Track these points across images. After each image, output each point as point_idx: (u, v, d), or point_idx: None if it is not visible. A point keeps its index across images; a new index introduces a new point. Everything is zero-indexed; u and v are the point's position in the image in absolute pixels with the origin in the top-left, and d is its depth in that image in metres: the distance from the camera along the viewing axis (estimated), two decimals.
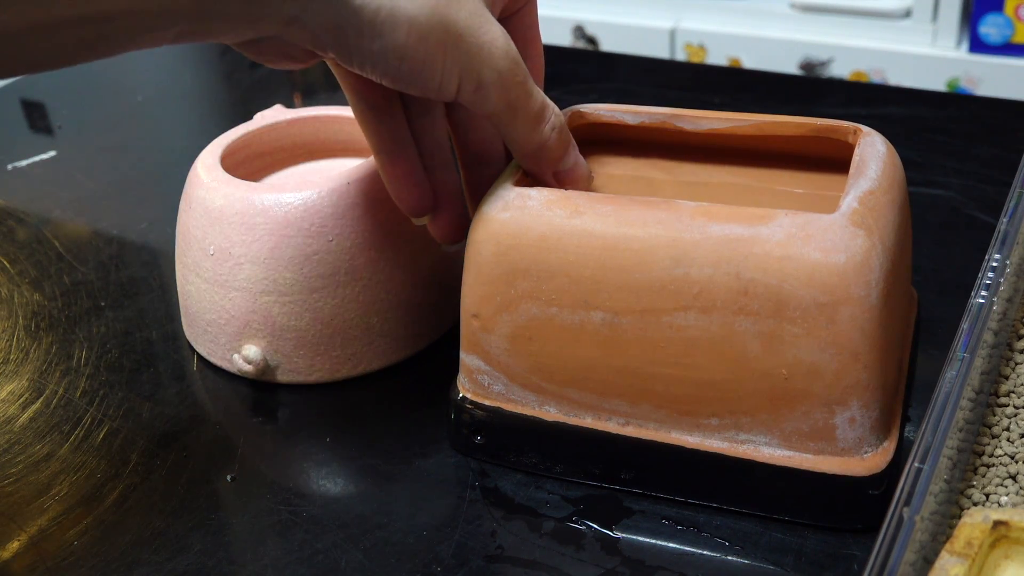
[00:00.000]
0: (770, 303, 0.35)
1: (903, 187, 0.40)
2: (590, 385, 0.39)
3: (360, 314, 0.46)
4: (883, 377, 0.37)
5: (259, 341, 0.47)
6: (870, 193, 0.37)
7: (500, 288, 0.39)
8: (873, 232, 0.36)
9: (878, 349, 0.36)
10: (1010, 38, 1.30)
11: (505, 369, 0.40)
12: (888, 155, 0.40)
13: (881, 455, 0.37)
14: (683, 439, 0.39)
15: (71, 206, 0.65)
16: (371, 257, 0.46)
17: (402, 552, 0.39)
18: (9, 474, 0.44)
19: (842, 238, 0.35)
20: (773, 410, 0.37)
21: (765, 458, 0.38)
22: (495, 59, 0.36)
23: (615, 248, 0.37)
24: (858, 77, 1.39)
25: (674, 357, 0.37)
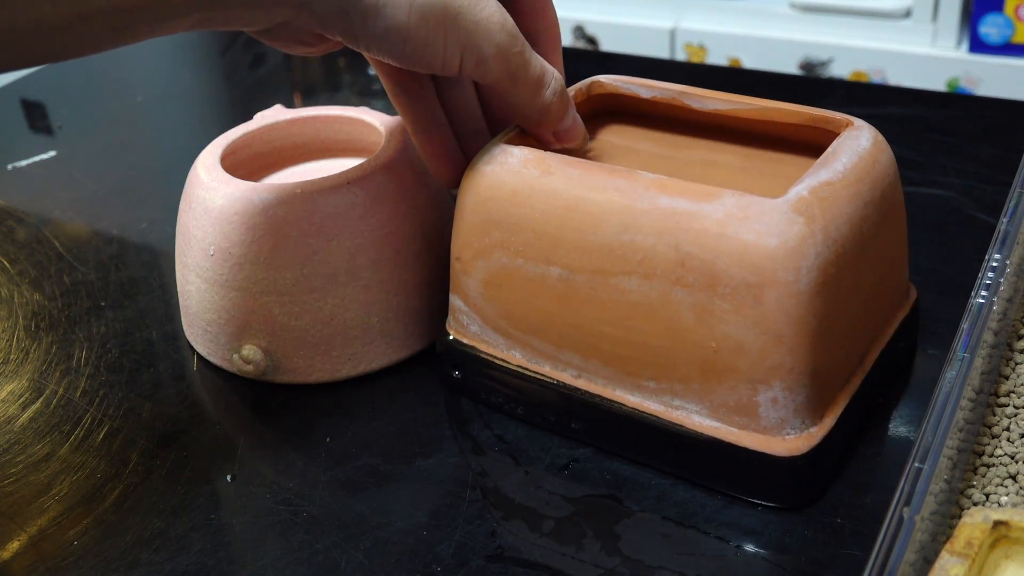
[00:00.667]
0: (704, 277, 0.37)
1: (882, 183, 0.40)
2: (549, 336, 0.42)
3: (360, 314, 0.46)
4: (812, 363, 0.37)
5: (259, 341, 0.47)
6: (827, 184, 0.38)
7: (477, 236, 0.42)
8: (816, 221, 0.36)
9: (806, 335, 0.36)
10: (1010, 38, 1.30)
11: (479, 311, 0.43)
12: (870, 150, 0.40)
13: (804, 439, 0.38)
14: (625, 398, 0.41)
15: (71, 206, 0.65)
16: (371, 257, 0.46)
17: (402, 552, 0.39)
18: (9, 474, 0.44)
19: (778, 223, 0.36)
20: (703, 381, 0.38)
21: (695, 426, 0.39)
22: (493, 33, 0.38)
23: (574, 209, 0.39)
24: (858, 77, 1.39)
25: (618, 318, 0.39)
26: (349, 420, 0.46)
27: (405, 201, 0.47)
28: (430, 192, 0.49)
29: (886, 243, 0.41)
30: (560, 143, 0.44)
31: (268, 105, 0.55)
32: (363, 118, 0.52)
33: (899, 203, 0.42)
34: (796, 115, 0.43)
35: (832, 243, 0.37)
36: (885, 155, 0.41)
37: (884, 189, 0.40)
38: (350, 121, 0.53)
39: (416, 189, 0.48)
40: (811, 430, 0.38)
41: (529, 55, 0.40)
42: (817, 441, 0.38)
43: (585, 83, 0.46)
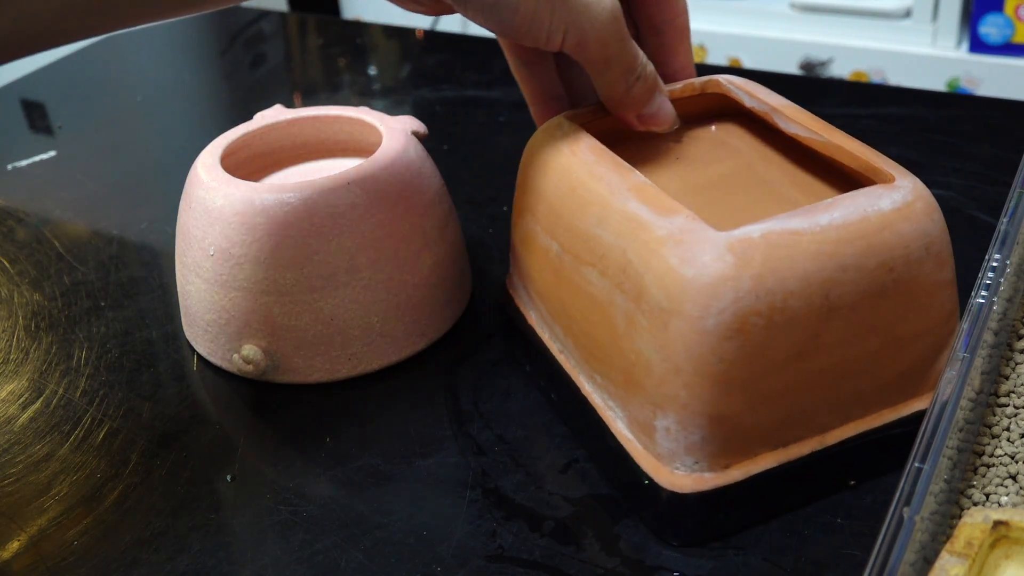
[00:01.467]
0: (635, 289, 0.37)
1: (890, 254, 0.37)
2: (547, 307, 0.43)
3: (360, 314, 0.46)
4: (714, 407, 0.36)
5: (259, 341, 0.47)
6: (792, 232, 0.35)
7: (521, 194, 0.44)
8: (749, 265, 0.35)
9: (707, 376, 0.35)
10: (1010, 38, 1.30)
11: (516, 267, 0.46)
12: (886, 215, 0.37)
13: (693, 479, 0.37)
14: (583, 384, 0.42)
15: (71, 206, 0.65)
16: (371, 257, 0.46)
17: (402, 552, 0.39)
18: (9, 474, 0.44)
19: (704, 255, 0.35)
20: (625, 389, 0.38)
21: (616, 430, 0.40)
22: (597, 17, 0.40)
23: (574, 192, 0.41)
24: (858, 77, 1.39)
25: (582, 307, 0.40)
26: (349, 420, 0.46)
27: (405, 201, 0.47)
28: (430, 192, 0.49)
29: (886, 322, 0.37)
30: (644, 126, 0.45)
31: (268, 105, 0.55)
32: (363, 118, 0.52)
33: (927, 284, 0.38)
34: (851, 158, 0.40)
35: (766, 294, 0.35)
36: (911, 226, 0.37)
37: (893, 262, 0.37)
38: (350, 121, 0.53)
39: (416, 189, 0.48)
40: (704, 474, 0.37)
41: (627, 43, 0.42)
42: (708, 487, 0.37)
43: (701, 80, 0.47)
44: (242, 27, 0.93)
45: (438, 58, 0.84)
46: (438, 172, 0.50)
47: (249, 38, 0.91)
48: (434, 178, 0.50)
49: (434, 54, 0.86)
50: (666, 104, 0.45)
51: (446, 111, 0.74)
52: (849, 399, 0.38)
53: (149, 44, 0.91)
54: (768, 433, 0.37)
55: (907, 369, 0.39)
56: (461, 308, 0.51)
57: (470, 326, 0.51)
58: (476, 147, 0.69)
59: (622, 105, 0.44)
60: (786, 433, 0.38)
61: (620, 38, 0.41)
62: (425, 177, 0.49)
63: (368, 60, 0.86)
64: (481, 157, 0.67)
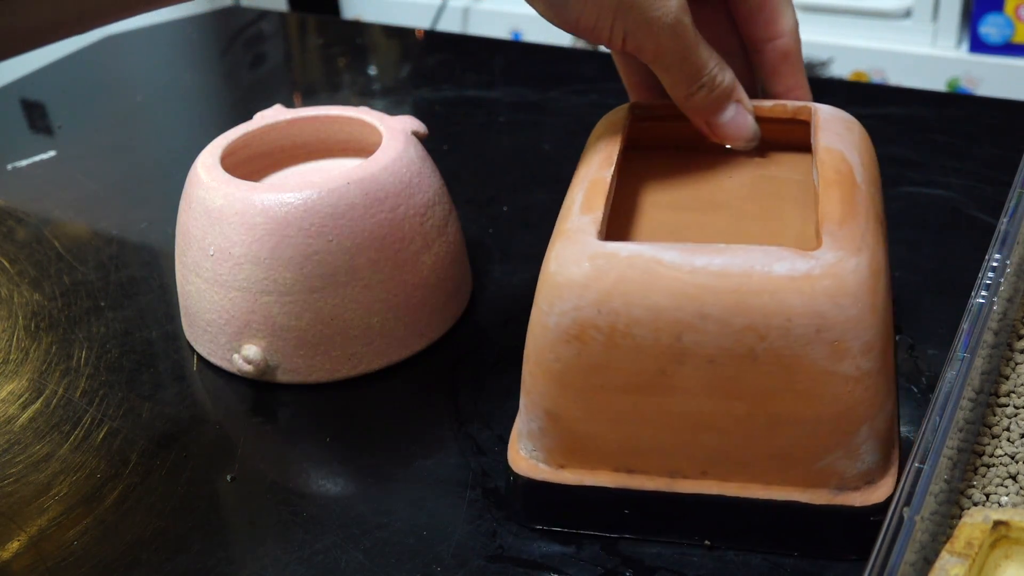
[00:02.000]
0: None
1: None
2: None
3: (360, 314, 0.46)
4: (550, 403, 0.37)
5: (259, 341, 0.47)
6: (658, 263, 0.35)
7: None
8: (601, 280, 0.35)
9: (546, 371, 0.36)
10: (1010, 38, 1.30)
11: None
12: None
13: (527, 466, 0.39)
14: None
15: (71, 206, 0.65)
16: (371, 257, 0.46)
17: (402, 552, 0.39)
18: (9, 474, 0.44)
19: (572, 258, 0.36)
20: None
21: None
22: (658, 21, 0.40)
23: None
24: (858, 77, 1.39)
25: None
26: (349, 420, 0.46)
27: (405, 201, 0.47)
28: (430, 192, 0.49)
29: (756, 391, 0.35)
30: (714, 137, 0.44)
31: (268, 105, 0.55)
32: (363, 118, 0.52)
33: (813, 371, 0.34)
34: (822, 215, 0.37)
35: (608, 312, 0.34)
36: (800, 301, 0.34)
37: (765, 331, 0.34)
38: (350, 121, 0.53)
39: (416, 189, 0.48)
40: (540, 464, 0.38)
41: (691, 51, 0.41)
42: (538, 477, 0.38)
43: (796, 105, 0.44)
44: (242, 27, 0.93)
45: (438, 58, 0.84)
46: (438, 172, 0.50)
47: (249, 38, 0.91)
48: (434, 178, 0.50)
49: (434, 54, 0.86)
50: (742, 118, 0.43)
51: (446, 111, 0.74)
52: (709, 455, 0.37)
53: (149, 44, 0.91)
54: (611, 453, 0.37)
55: (784, 452, 0.36)
56: (461, 308, 0.51)
57: (470, 326, 0.51)
58: (476, 147, 0.69)
59: (685, 110, 0.43)
60: (631, 461, 0.37)
61: (682, 45, 0.41)
62: (425, 177, 0.49)
63: (368, 60, 0.86)
64: (481, 157, 0.67)
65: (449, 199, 0.51)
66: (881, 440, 0.36)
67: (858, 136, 0.42)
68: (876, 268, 0.35)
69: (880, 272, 0.35)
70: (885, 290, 0.35)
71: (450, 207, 0.50)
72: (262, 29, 0.92)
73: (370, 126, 0.52)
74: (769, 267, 0.34)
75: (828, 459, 0.36)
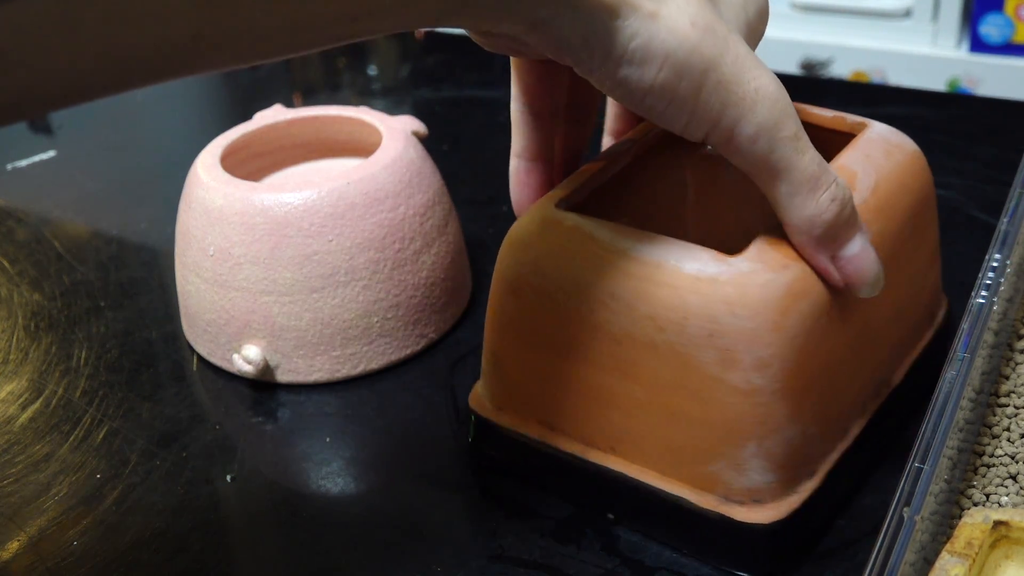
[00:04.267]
0: None
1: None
2: None
3: (360, 314, 0.46)
4: (493, 346, 0.40)
5: (259, 341, 0.47)
6: (592, 240, 0.36)
7: None
8: (541, 244, 0.37)
9: (493, 318, 0.39)
10: (1010, 38, 1.30)
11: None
12: None
13: (478, 405, 0.41)
14: None
15: (71, 206, 0.65)
16: (371, 257, 0.46)
17: (402, 552, 0.39)
18: (9, 474, 0.44)
19: (529, 219, 0.38)
20: None
21: None
22: (759, 109, 0.32)
23: None
24: (858, 77, 1.39)
25: None
26: (349, 420, 0.46)
27: (405, 201, 0.47)
28: (430, 192, 0.49)
29: (654, 380, 0.35)
30: (843, 279, 0.35)
31: (268, 105, 0.55)
32: (363, 118, 0.52)
33: (703, 373, 0.34)
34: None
35: (535, 273, 0.37)
36: (700, 302, 0.34)
37: (664, 323, 0.34)
38: (350, 121, 0.53)
39: (416, 189, 0.48)
40: (486, 404, 0.41)
41: (804, 145, 0.33)
42: (481, 416, 0.41)
43: (853, 120, 0.42)
44: None
45: (438, 58, 0.84)
46: (438, 172, 0.50)
47: None
48: (434, 178, 0.50)
49: (434, 54, 0.86)
50: (870, 249, 0.35)
51: (446, 111, 0.74)
52: (616, 432, 0.37)
53: None
54: (537, 407, 0.39)
55: (677, 446, 0.36)
56: (461, 308, 0.51)
57: (470, 326, 0.51)
58: (476, 147, 0.69)
59: (810, 237, 0.34)
60: (553, 419, 0.39)
61: (790, 136, 0.33)
62: (425, 177, 0.49)
63: (368, 60, 0.86)
64: (481, 157, 0.67)
65: (449, 199, 0.51)
66: (775, 463, 0.35)
67: (897, 162, 0.39)
68: (797, 289, 0.34)
69: (803, 295, 0.34)
70: (807, 314, 0.34)
71: (450, 207, 0.50)
72: None
73: (370, 126, 0.52)
74: (680, 263, 0.34)
75: (715, 466, 0.35)
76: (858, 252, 0.34)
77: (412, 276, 0.47)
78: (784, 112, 0.32)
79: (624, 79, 0.31)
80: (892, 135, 0.41)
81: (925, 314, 0.43)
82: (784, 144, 0.32)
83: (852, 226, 0.34)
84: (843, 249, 0.34)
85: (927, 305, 0.43)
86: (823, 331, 0.35)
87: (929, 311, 0.43)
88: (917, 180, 0.40)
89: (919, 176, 0.40)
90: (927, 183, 0.41)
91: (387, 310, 0.47)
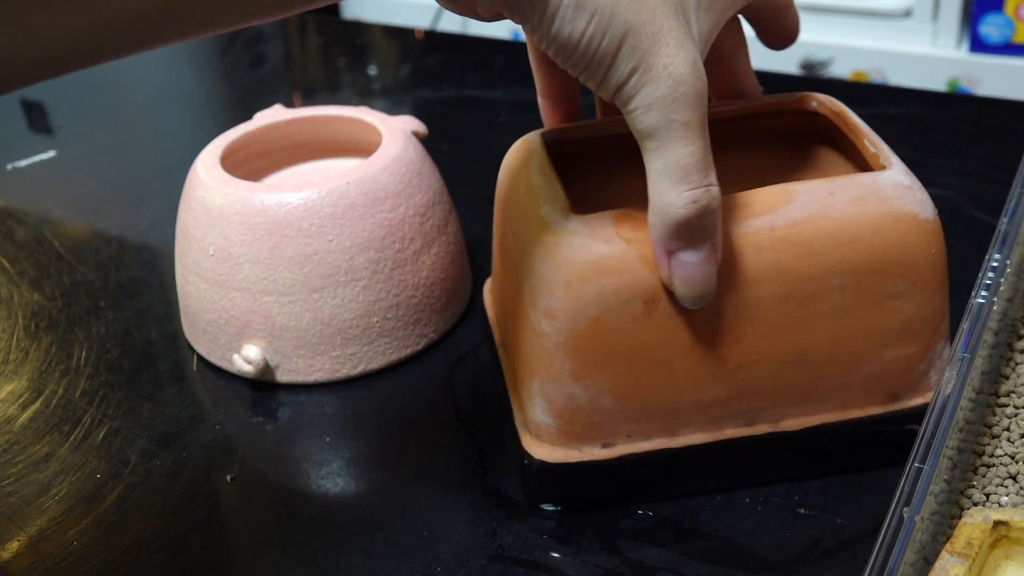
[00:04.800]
0: None
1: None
2: None
3: (360, 314, 0.46)
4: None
5: (259, 341, 0.47)
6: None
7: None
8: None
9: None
10: (1010, 38, 1.30)
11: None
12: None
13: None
14: None
15: (71, 206, 0.65)
16: (371, 257, 0.46)
17: (402, 552, 0.39)
18: (9, 474, 0.44)
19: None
20: None
21: None
22: (661, 84, 0.33)
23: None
24: (858, 77, 1.39)
25: None
26: (349, 420, 0.46)
27: (405, 201, 0.47)
28: (430, 192, 0.49)
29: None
30: (669, 277, 0.36)
31: (268, 105, 0.55)
32: (363, 118, 0.52)
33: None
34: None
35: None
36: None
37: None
38: (350, 121, 0.53)
39: (416, 189, 0.48)
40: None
41: (693, 137, 0.34)
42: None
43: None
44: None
45: (438, 58, 0.84)
46: (438, 172, 0.50)
47: (249, 38, 0.91)
48: (434, 178, 0.50)
49: (434, 54, 0.86)
50: (711, 267, 0.35)
51: (446, 111, 0.74)
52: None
53: None
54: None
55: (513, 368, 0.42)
56: (461, 308, 0.51)
57: (470, 326, 0.51)
58: (476, 147, 0.69)
59: (660, 223, 0.35)
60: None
61: (682, 122, 0.33)
62: (425, 177, 0.49)
63: (368, 60, 0.86)
64: (481, 157, 0.67)
65: (449, 199, 0.51)
66: (553, 409, 0.38)
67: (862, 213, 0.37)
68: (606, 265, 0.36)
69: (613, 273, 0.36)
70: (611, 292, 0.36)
71: (450, 207, 0.50)
72: (262, 29, 0.92)
73: (370, 126, 0.52)
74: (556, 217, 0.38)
75: (521, 392, 0.40)
76: (695, 263, 0.35)
77: (412, 276, 0.47)
78: (685, 97, 0.33)
79: (557, 33, 0.33)
80: (895, 190, 0.37)
81: (873, 388, 0.39)
82: (673, 126, 0.33)
83: (704, 236, 0.35)
84: (683, 252, 0.35)
85: (881, 379, 0.39)
86: (635, 318, 0.36)
87: (884, 387, 0.39)
88: (884, 241, 0.37)
89: (894, 239, 0.37)
90: (911, 251, 0.37)
91: (387, 310, 0.47)
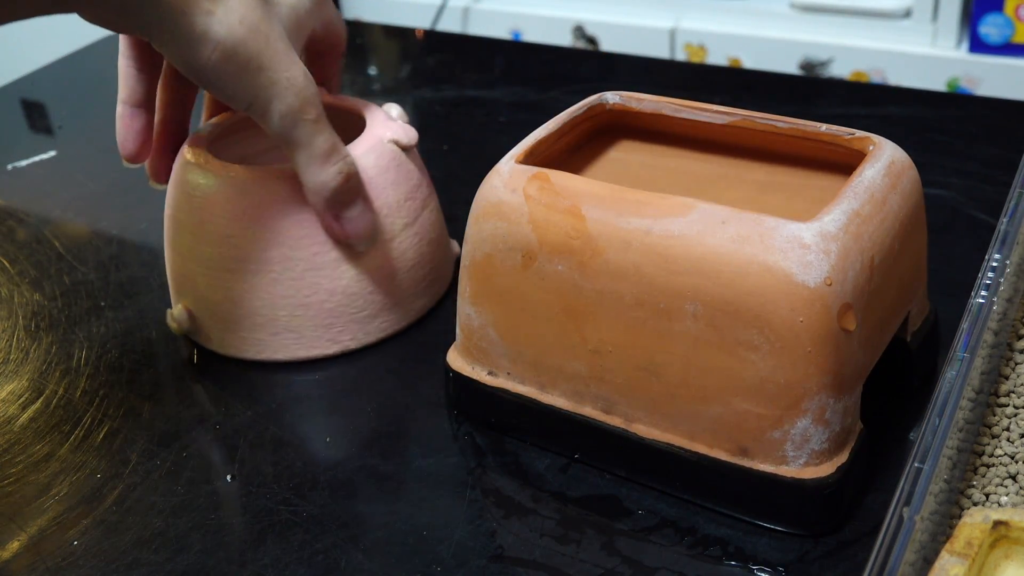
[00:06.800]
0: None
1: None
2: None
3: (266, 304, 0.47)
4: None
5: (187, 303, 0.49)
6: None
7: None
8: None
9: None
10: (1010, 38, 1.30)
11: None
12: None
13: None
14: None
15: (71, 206, 0.65)
16: (283, 253, 0.46)
17: (402, 552, 0.39)
18: (9, 474, 0.44)
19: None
20: None
21: None
22: (287, 95, 0.42)
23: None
24: (858, 77, 1.39)
25: None
26: (349, 420, 0.46)
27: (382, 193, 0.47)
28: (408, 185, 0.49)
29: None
30: (343, 234, 0.45)
31: None
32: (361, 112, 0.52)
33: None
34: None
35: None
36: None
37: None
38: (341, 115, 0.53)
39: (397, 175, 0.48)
40: None
41: (322, 128, 0.43)
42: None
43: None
44: None
45: (438, 58, 0.84)
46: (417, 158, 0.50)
47: None
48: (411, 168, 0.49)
49: (434, 54, 0.86)
50: (369, 215, 0.46)
51: (446, 111, 0.74)
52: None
53: None
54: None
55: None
56: (443, 288, 0.52)
57: None
58: (476, 147, 0.69)
59: (322, 199, 0.44)
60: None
61: (311, 120, 0.42)
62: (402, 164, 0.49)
63: (368, 60, 0.86)
64: (481, 157, 0.67)
65: (430, 185, 0.51)
66: (460, 323, 0.43)
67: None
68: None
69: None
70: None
71: (429, 190, 0.50)
72: None
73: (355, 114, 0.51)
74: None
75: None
76: (357, 215, 0.45)
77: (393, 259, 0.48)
78: (308, 100, 0.42)
79: (187, 57, 0.40)
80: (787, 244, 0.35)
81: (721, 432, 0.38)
82: (306, 124, 0.43)
83: (354, 194, 0.45)
84: (346, 211, 0.45)
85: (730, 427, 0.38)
86: (515, 267, 0.40)
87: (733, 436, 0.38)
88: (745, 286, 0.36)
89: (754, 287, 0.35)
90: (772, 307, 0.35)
91: (295, 308, 0.47)
